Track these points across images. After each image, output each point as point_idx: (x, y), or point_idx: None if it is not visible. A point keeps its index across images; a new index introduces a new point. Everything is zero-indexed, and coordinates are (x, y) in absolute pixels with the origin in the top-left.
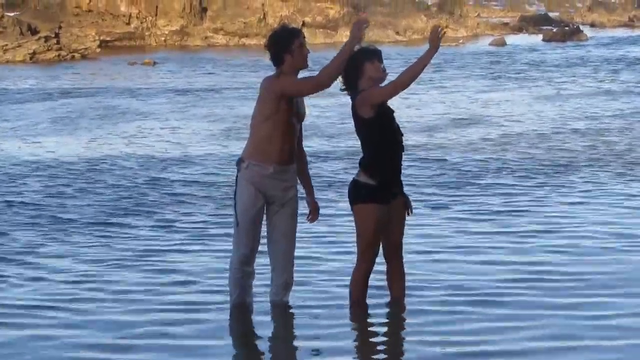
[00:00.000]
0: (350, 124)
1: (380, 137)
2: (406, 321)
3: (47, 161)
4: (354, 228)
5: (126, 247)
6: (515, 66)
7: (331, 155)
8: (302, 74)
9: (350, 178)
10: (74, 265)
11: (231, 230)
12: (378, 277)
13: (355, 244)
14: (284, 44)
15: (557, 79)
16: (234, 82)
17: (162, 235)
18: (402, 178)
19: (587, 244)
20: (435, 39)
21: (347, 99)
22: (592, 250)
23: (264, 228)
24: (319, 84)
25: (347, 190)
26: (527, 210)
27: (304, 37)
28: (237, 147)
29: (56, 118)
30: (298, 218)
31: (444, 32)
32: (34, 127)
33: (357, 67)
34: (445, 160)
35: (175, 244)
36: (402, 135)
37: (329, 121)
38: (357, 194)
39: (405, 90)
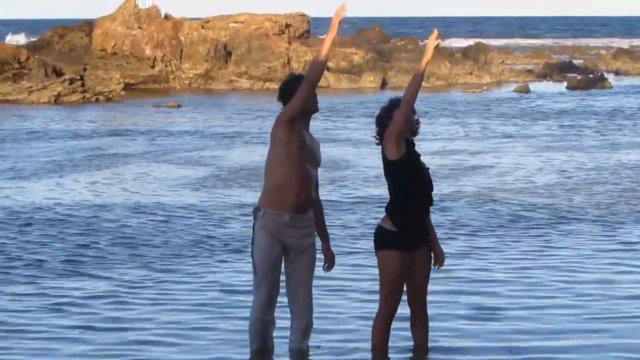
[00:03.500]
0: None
1: (404, 183)
2: None
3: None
4: (378, 274)
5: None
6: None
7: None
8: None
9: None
10: None
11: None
12: (400, 324)
13: (379, 290)
14: (292, 89)
15: (601, 128)
16: (255, 126)
17: None
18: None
19: None
20: (432, 48)
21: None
22: None
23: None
24: (307, 83)
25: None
26: None
27: None
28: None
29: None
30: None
31: (438, 44)
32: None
33: (390, 117)
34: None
35: None
36: (431, 188)
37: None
38: (380, 240)
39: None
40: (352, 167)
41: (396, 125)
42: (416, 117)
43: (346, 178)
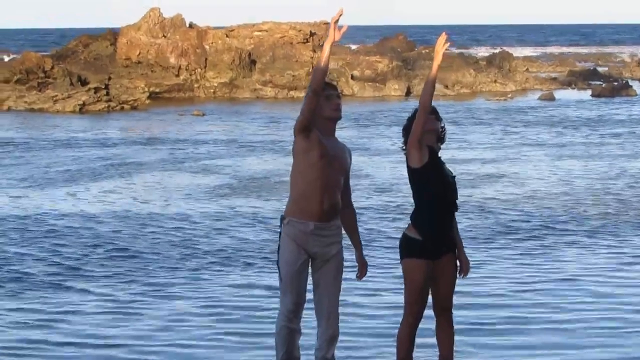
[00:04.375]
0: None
1: (427, 191)
2: None
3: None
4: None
5: None
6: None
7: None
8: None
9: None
10: None
11: None
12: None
13: (403, 298)
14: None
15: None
16: (278, 134)
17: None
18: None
19: None
20: (441, 51)
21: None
22: None
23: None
24: (310, 91)
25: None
26: None
27: (335, 89)
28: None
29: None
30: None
31: (447, 44)
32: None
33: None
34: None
35: None
36: (456, 196)
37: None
38: (405, 248)
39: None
40: (365, 176)
41: (414, 132)
42: (442, 125)
43: (355, 186)
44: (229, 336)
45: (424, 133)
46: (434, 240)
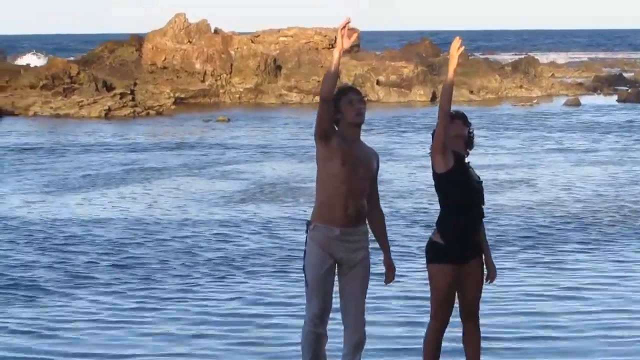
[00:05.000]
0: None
1: (452, 196)
2: None
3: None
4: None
5: None
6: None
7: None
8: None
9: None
10: None
11: None
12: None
13: (430, 303)
14: (336, 100)
15: None
16: (302, 140)
17: None
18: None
19: None
20: (456, 55)
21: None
22: None
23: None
24: (320, 98)
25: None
26: None
27: (358, 93)
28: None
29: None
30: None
31: (462, 48)
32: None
33: None
34: None
35: None
36: (482, 201)
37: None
38: (431, 253)
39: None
40: (387, 182)
41: (437, 137)
42: (470, 130)
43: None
44: (243, 346)
45: (450, 138)
46: (459, 245)
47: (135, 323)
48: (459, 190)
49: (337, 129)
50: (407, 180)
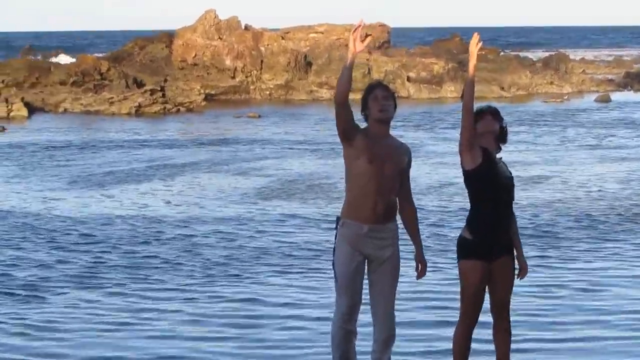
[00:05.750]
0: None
1: (480, 192)
2: None
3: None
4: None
5: None
6: None
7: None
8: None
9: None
10: None
11: None
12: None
13: (460, 299)
14: (363, 101)
15: None
16: (330, 137)
17: None
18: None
19: None
20: (475, 51)
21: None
22: None
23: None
24: (334, 102)
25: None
26: None
27: (385, 89)
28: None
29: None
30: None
31: (480, 44)
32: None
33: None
34: None
35: None
36: (512, 197)
37: None
38: (461, 249)
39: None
40: (415, 178)
41: (462, 134)
42: (501, 125)
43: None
44: (257, 349)
45: (479, 134)
46: (488, 241)
47: (144, 324)
48: (487, 187)
49: (362, 127)
50: (434, 176)
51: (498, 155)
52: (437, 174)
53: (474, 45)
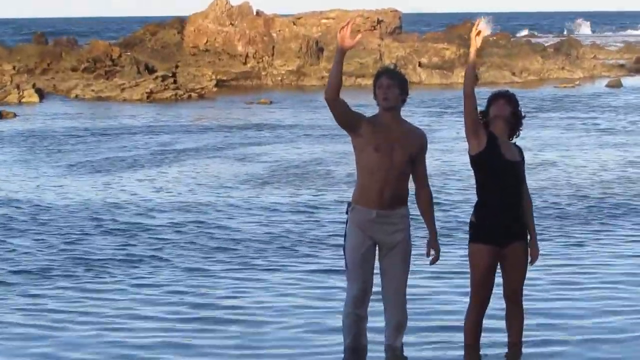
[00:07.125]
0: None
1: (485, 177)
2: None
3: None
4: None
5: None
6: None
7: None
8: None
9: None
10: None
11: None
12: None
13: (469, 283)
14: (373, 88)
15: None
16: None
17: None
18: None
19: None
20: (475, 36)
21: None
22: None
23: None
24: (325, 100)
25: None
26: None
27: (390, 77)
28: None
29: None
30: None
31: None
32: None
33: (486, 114)
34: None
35: None
36: (518, 181)
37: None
38: (470, 233)
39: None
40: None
41: (464, 120)
42: (513, 111)
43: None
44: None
45: (491, 118)
46: (495, 226)
47: (137, 317)
48: (491, 171)
49: (367, 115)
50: (442, 162)
51: (512, 140)
52: (446, 159)
53: (474, 32)
